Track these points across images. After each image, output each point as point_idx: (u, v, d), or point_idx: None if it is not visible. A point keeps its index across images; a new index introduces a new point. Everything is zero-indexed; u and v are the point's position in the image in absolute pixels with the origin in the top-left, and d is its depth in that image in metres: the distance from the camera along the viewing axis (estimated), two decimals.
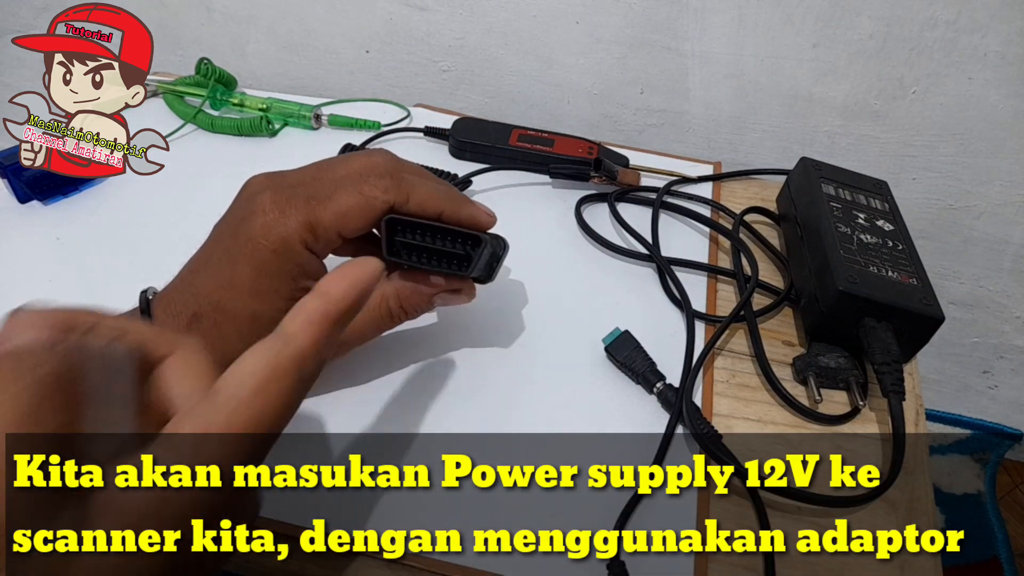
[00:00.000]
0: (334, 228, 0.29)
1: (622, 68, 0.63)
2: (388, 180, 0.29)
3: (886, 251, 0.40)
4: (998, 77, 0.56)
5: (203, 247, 0.31)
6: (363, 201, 0.29)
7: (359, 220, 0.29)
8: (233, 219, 0.30)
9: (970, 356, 0.80)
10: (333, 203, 0.29)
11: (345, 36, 0.69)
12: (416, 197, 0.30)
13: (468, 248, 0.31)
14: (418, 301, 0.33)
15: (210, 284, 0.29)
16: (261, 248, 0.28)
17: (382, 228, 0.30)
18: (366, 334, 0.33)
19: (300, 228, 0.28)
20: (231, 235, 0.29)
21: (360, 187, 0.29)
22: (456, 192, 0.33)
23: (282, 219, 0.28)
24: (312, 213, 0.28)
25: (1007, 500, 0.87)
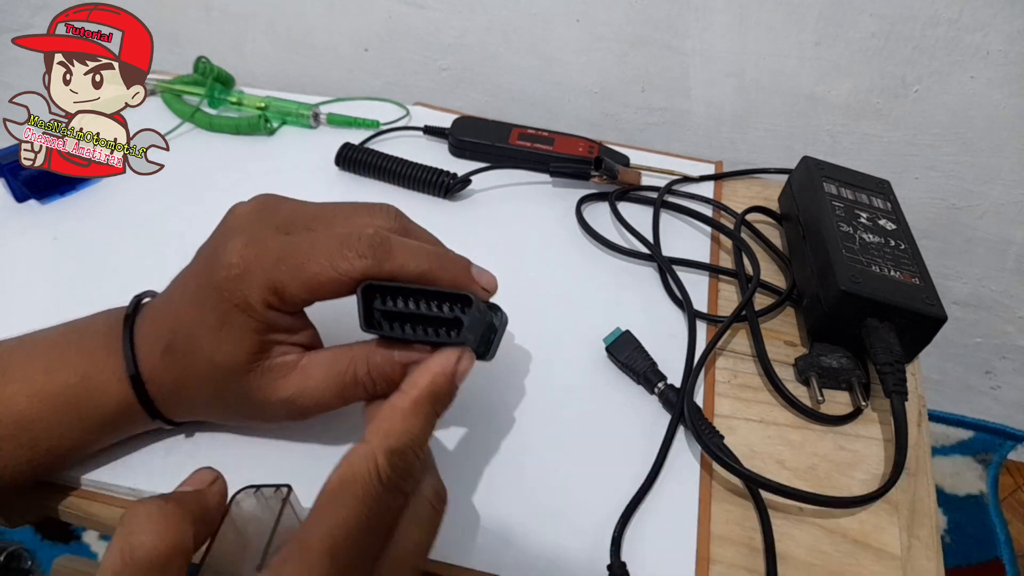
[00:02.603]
0: (301, 297, 0.27)
1: (623, 66, 0.63)
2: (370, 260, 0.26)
3: (888, 251, 0.40)
4: (1001, 76, 0.56)
5: (184, 270, 0.30)
6: (335, 278, 0.26)
7: (328, 293, 0.27)
8: (206, 256, 0.29)
9: (973, 356, 0.80)
10: (303, 272, 0.26)
11: (344, 34, 0.69)
12: (403, 274, 0.27)
13: (458, 311, 0.27)
14: (389, 371, 0.28)
15: (184, 317, 0.28)
16: (225, 299, 0.27)
17: (358, 296, 0.27)
18: (326, 401, 0.29)
19: (263, 290, 0.26)
20: (202, 274, 0.28)
21: (335, 260, 0.26)
22: (447, 251, 0.29)
23: (246, 277, 0.26)
24: (279, 278, 0.26)
25: (1010, 501, 0.87)
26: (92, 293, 0.32)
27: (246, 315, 0.27)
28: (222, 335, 0.27)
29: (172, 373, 0.29)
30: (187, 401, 0.30)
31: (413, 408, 0.24)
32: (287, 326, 0.28)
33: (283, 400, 0.28)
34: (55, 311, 0.40)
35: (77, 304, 0.32)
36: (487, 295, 0.29)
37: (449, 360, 0.26)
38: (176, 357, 0.28)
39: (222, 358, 0.27)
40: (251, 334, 0.27)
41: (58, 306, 0.40)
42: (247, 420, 0.31)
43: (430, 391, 0.25)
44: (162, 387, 0.29)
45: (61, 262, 0.43)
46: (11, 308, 0.40)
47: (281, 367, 0.28)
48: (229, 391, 0.28)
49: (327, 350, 0.29)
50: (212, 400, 0.29)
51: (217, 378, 0.28)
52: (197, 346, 0.28)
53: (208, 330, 0.27)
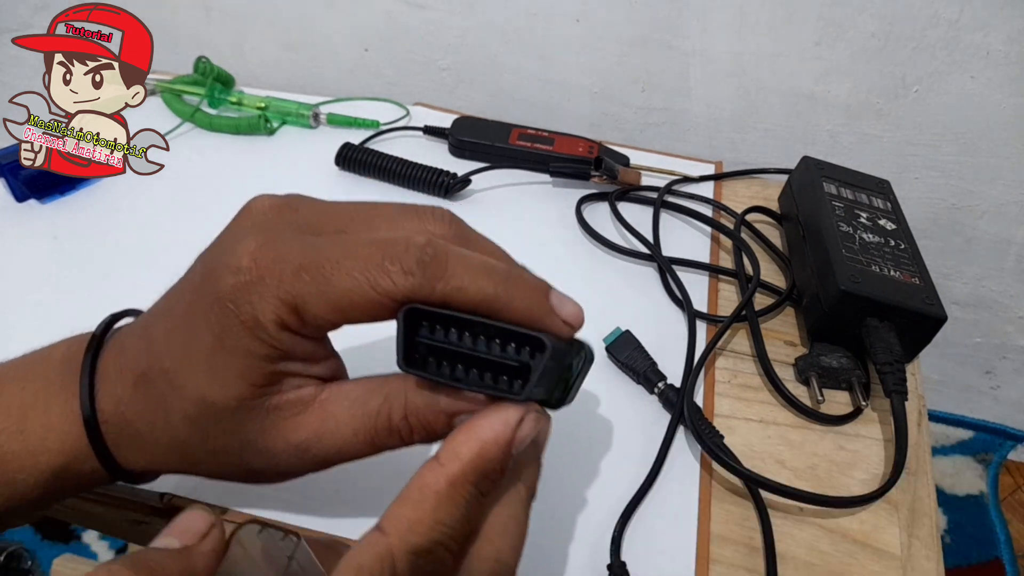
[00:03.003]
0: (327, 319, 0.21)
1: (623, 66, 0.63)
2: (418, 278, 0.20)
3: (888, 250, 0.40)
4: (1001, 76, 0.56)
5: (178, 282, 0.24)
6: (373, 298, 0.20)
7: (364, 316, 0.21)
8: (208, 260, 0.23)
9: (973, 356, 0.80)
10: (329, 286, 0.20)
11: (344, 34, 0.69)
12: (460, 297, 0.21)
13: (526, 355, 0.21)
14: (431, 421, 0.22)
15: (165, 341, 0.22)
16: (228, 316, 0.21)
17: (399, 322, 0.21)
18: (350, 449, 0.23)
19: (280, 307, 0.20)
20: (201, 283, 0.22)
21: (372, 273, 0.20)
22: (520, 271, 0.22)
23: (259, 288, 0.20)
24: (299, 291, 0.20)
25: (1009, 501, 0.87)
26: (92, 293, 0.32)
27: (253, 337, 0.21)
28: (218, 362, 0.21)
29: (143, 411, 0.23)
30: (159, 448, 0.23)
31: (450, 490, 0.19)
32: (304, 354, 0.22)
33: (294, 447, 0.23)
34: (55, 311, 0.40)
35: (77, 304, 0.32)
36: (570, 331, 0.22)
37: (506, 423, 0.20)
38: (152, 390, 0.22)
39: (216, 393, 0.21)
40: (257, 362, 0.21)
41: (58, 306, 0.40)
42: (242, 474, 0.24)
43: (475, 467, 0.19)
44: (125, 429, 0.23)
45: (61, 262, 0.43)
46: (11, 308, 0.40)
47: (293, 404, 0.22)
48: (221, 436, 0.22)
49: (353, 383, 0.23)
50: (195, 448, 0.23)
51: (206, 419, 0.22)
52: (183, 377, 0.22)
53: (200, 355, 0.21)
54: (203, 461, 0.24)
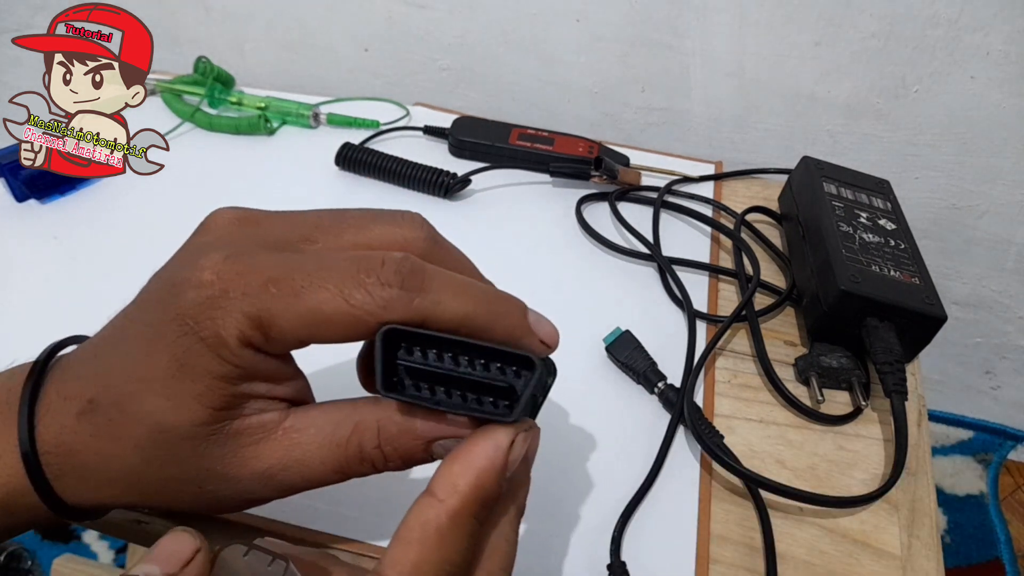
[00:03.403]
0: (296, 335, 0.20)
1: (623, 66, 0.63)
2: (396, 290, 0.19)
3: (888, 250, 0.40)
4: (1001, 76, 0.56)
5: (130, 304, 0.22)
6: (347, 313, 0.19)
7: (337, 335, 0.20)
8: (165, 277, 0.21)
9: (972, 356, 0.80)
10: (301, 301, 0.19)
11: (344, 34, 0.69)
12: (438, 316, 0.20)
13: (511, 375, 0.20)
14: (407, 447, 0.22)
15: (117, 365, 0.21)
16: (187, 333, 0.19)
17: (377, 343, 0.20)
18: (318, 477, 0.22)
19: (244, 323, 0.19)
20: (156, 302, 0.21)
21: (348, 288, 0.19)
22: (504, 301, 0.21)
23: (222, 302, 0.19)
24: (266, 305, 0.19)
25: (1009, 501, 0.86)
26: (92, 293, 0.32)
27: (213, 356, 0.19)
28: (175, 385, 0.20)
29: (90, 441, 0.21)
30: (107, 480, 0.22)
31: (452, 526, 0.18)
32: (268, 373, 0.21)
33: (258, 475, 0.21)
34: (54, 311, 0.40)
35: (76, 304, 0.32)
36: (547, 351, 0.22)
37: (499, 447, 0.19)
38: (99, 418, 0.21)
39: (172, 418, 0.20)
40: (218, 384, 0.20)
41: (57, 306, 0.40)
42: (201, 504, 0.23)
43: (475, 497, 0.18)
44: (69, 461, 0.21)
45: (61, 262, 0.43)
46: (10, 308, 0.40)
47: (256, 430, 0.21)
48: (178, 464, 0.21)
49: (321, 408, 0.22)
50: (149, 478, 0.21)
51: (161, 446, 0.20)
52: (137, 401, 0.20)
53: (156, 378, 0.20)
54: (158, 492, 0.22)
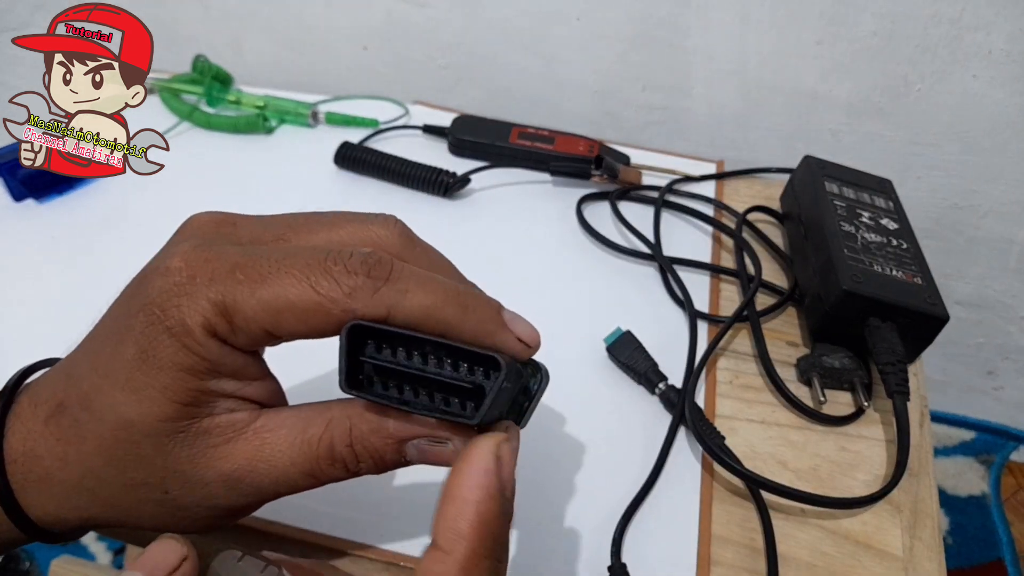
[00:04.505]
0: (260, 324, 0.19)
1: (624, 65, 0.63)
2: (362, 278, 0.19)
3: (890, 250, 0.40)
4: (1003, 75, 0.55)
5: (108, 308, 0.22)
6: (312, 300, 0.19)
7: (300, 324, 0.19)
8: (140, 274, 0.21)
9: (975, 357, 0.80)
10: (266, 288, 0.19)
11: (343, 33, 0.69)
12: (404, 311, 0.19)
13: (480, 376, 0.20)
14: (380, 448, 0.21)
15: (89, 365, 0.21)
16: (153, 323, 0.19)
17: (341, 339, 0.19)
18: (289, 480, 0.21)
19: (209, 309, 0.19)
20: (129, 298, 0.21)
21: (315, 276, 0.19)
22: (476, 301, 0.21)
23: (188, 288, 0.19)
24: (232, 293, 0.19)
25: (1012, 502, 0.86)
26: (90, 294, 0.32)
27: (179, 345, 0.19)
28: (140, 378, 0.19)
29: (54, 446, 0.20)
30: (68, 488, 0.21)
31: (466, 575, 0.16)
32: (235, 369, 0.20)
33: (225, 477, 0.20)
34: (52, 312, 0.40)
35: (75, 305, 0.32)
36: (525, 350, 0.21)
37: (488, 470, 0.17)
38: (65, 419, 0.20)
39: (135, 412, 0.19)
40: (183, 376, 0.19)
41: (55, 307, 0.40)
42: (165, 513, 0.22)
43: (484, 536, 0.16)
44: (34, 469, 0.21)
45: (58, 262, 0.43)
46: (9, 309, 0.39)
47: (224, 429, 0.20)
48: (141, 467, 0.20)
49: (291, 409, 0.22)
50: (110, 483, 0.21)
51: (124, 445, 0.20)
52: (101, 397, 0.20)
53: (121, 372, 0.19)
54: (120, 499, 0.21)
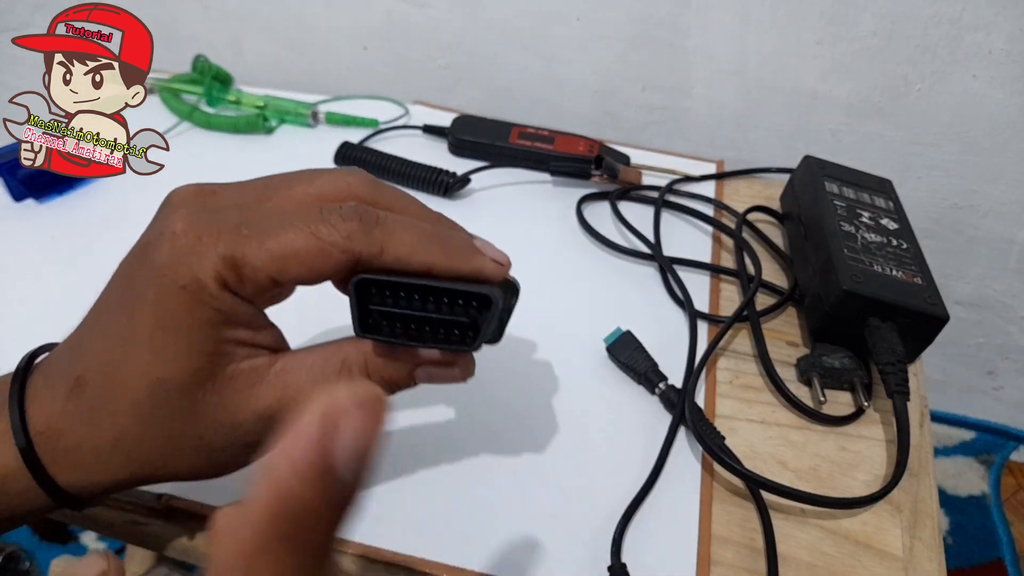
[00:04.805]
0: (267, 273, 0.21)
1: (624, 65, 0.63)
2: (356, 223, 0.21)
3: (891, 250, 0.40)
4: (1003, 75, 0.55)
5: (103, 290, 0.24)
6: (315, 246, 0.21)
7: (305, 269, 0.21)
8: (137, 248, 0.23)
9: (975, 357, 0.80)
10: (272, 240, 0.21)
11: (343, 33, 0.69)
12: (394, 248, 0.22)
13: (473, 311, 0.23)
14: (394, 375, 0.24)
15: (100, 339, 0.22)
16: (166, 285, 0.21)
17: (351, 293, 0.22)
18: None
19: (220, 263, 0.21)
20: (132, 270, 0.22)
21: (315, 225, 0.21)
22: (451, 233, 0.24)
23: (197, 248, 0.21)
24: (239, 246, 0.21)
25: (1012, 502, 0.86)
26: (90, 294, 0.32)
27: (195, 302, 0.21)
28: (162, 340, 0.21)
29: (82, 418, 0.21)
30: (103, 455, 0.22)
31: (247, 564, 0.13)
32: (247, 319, 0.22)
33: (259, 415, 0.22)
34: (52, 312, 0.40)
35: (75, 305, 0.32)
36: (501, 269, 0.24)
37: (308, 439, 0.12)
38: (89, 392, 0.21)
39: (167, 371, 0.21)
40: (204, 329, 0.21)
41: (55, 307, 0.40)
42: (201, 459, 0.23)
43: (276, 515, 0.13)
44: (61, 443, 0.22)
45: (59, 261, 0.43)
46: (9, 309, 0.39)
47: (250, 373, 0.22)
48: (177, 419, 0.22)
49: (308, 350, 0.24)
50: (149, 441, 0.22)
51: (160, 403, 0.21)
52: (127, 366, 0.21)
53: (142, 338, 0.21)
54: (157, 455, 0.22)
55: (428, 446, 0.33)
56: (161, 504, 0.30)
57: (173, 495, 0.30)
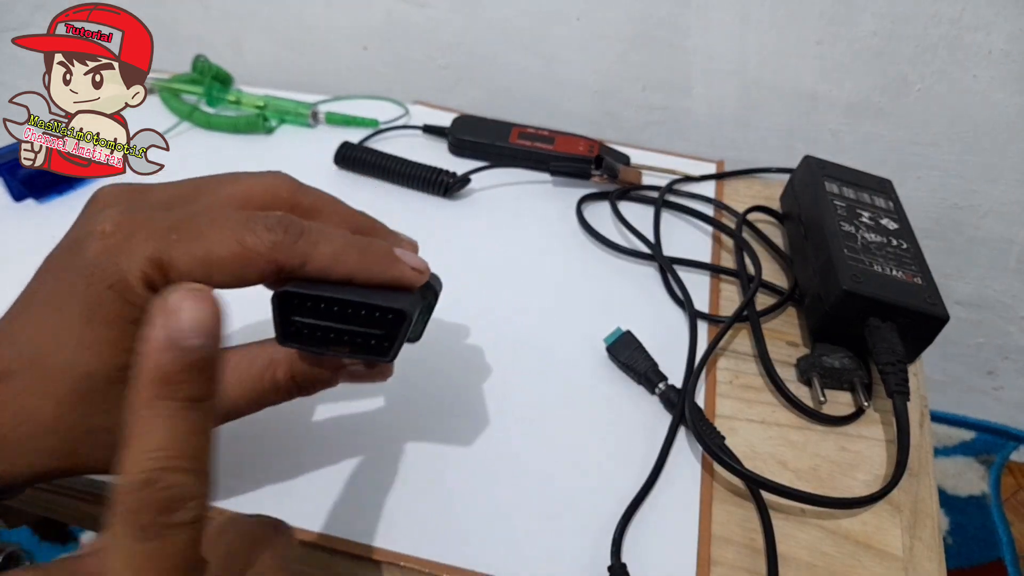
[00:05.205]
0: (192, 277, 0.22)
1: (623, 65, 0.63)
2: (280, 234, 0.22)
3: (890, 250, 0.40)
4: (1003, 75, 0.55)
5: (29, 282, 0.24)
6: (241, 255, 0.22)
7: (229, 276, 0.22)
8: (65, 244, 0.23)
9: (975, 357, 0.80)
10: (198, 244, 0.21)
11: (343, 33, 0.69)
12: (317, 259, 0.23)
13: (388, 322, 0.24)
14: (318, 376, 0.25)
15: (28, 330, 0.22)
16: (94, 282, 0.21)
17: (272, 305, 0.23)
18: (238, 409, 0.25)
19: (146, 263, 0.21)
20: (60, 265, 0.23)
21: (241, 234, 0.22)
22: (371, 242, 0.25)
23: (124, 246, 0.21)
24: (167, 250, 0.21)
25: (1012, 502, 0.86)
26: None
27: (122, 299, 0.21)
28: (90, 334, 0.21)
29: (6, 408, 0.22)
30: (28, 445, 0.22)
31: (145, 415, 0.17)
32: None
33: None
34: None
35: None
36: (419, 276, 0.25)
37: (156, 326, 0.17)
38: (17, 382, 0.22)
39: (93, 365, 0.21)
40: (129, 326, 0.21)
41: None
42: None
43: (152, 380, 0.17)
44: None
45: None
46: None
47: None
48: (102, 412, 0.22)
49: (235, 350, 0.25)
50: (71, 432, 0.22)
51: (85, 396, 0.22)
52: (54, 358, 0.21)
53: (71, 331, 0.21)
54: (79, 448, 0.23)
55: (428, 446, 0.33)
56: None
57: None
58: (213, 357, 0.17)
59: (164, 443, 0.16)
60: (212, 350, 0.17)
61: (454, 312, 0.40)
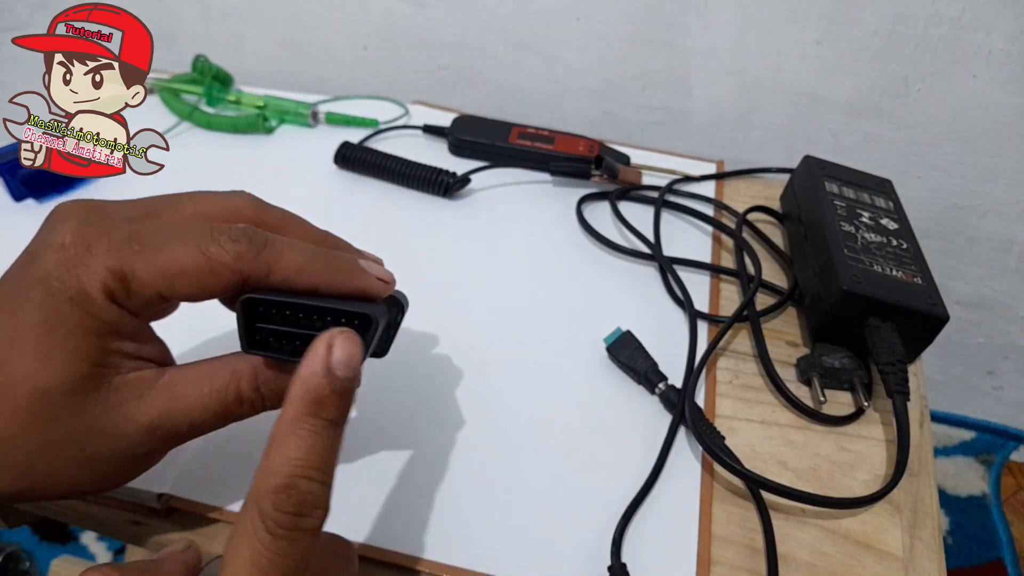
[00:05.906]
0: (155, 288, 0.22)
1: (623, 65, 0.63)
2: (245, 244, 0.22)
3: (890, 250, 0.40)
4: (1003, 75, 0.55)
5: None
6: (204, 265, 0.22)
7: (193, 287, 0.22)
8: (23, 258, 0.23)
9: (975, 357, 0.80)
10: (160, 255, 0.21)
11: (343, 33, 0.69)
12: (281, 269, 0.23)
13: (355, 329, 0.23)
14: (283, 386, 0.23)
15: None
16: (54, 292, 0.21)
17: (238, 311, 0.23)
18: (203, 422, 0.24)
19: (106, 275, 0.21)
20: (18, 277, 0.22)
21: (205, 244, 0.22)
22: (336, 254, 0.25)
23: (85, 258, 0.21)
24: (129, 261, 0.21)
25: (1012, 502, 0.86)
26: None
27: (81, 311, 0.21)
28: (48, 345, 0.21)
29: None
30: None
31: (291, 429, 0.19)
32: (132, 331, 0.23)
33: (145, 426, 0.23)
34: None
35: None
36: (385, 287, 0.25)
37: (317, 357, 0.20)
38: None
39: (50, 377, 0.21)
40: (88, 338, 0.21)
41: None
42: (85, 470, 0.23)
43: (306, 401, 0.19)
44: None
45: None
46: None
47: (136, 384, 0.23)
48: (60, 425, 0.22)
49: (196, 364, 0.25)
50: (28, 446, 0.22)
51: (43, 408, 0.21)
52: (11, 368, 0.21)
53: (29, 342, 0.21)
54: (35, 464, 0.22)
55: (427, 447, 0.33)
56: (161, 504, 0.30)
57: (173, 494, 0.30)
58: (354, 388, 0.20)
59: (304, 454, 0.19)
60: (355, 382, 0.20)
61: (454, 312, 0.40)
